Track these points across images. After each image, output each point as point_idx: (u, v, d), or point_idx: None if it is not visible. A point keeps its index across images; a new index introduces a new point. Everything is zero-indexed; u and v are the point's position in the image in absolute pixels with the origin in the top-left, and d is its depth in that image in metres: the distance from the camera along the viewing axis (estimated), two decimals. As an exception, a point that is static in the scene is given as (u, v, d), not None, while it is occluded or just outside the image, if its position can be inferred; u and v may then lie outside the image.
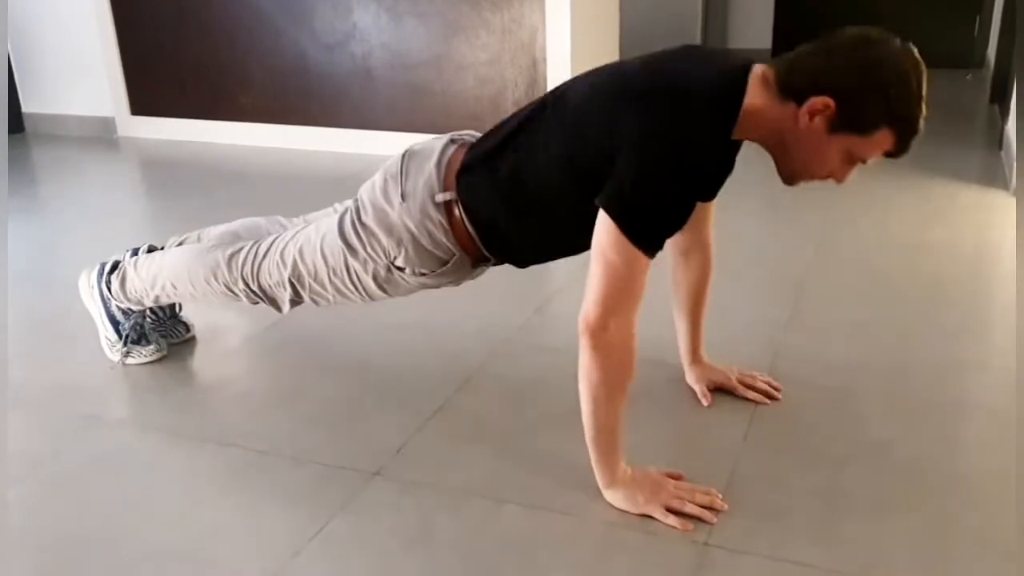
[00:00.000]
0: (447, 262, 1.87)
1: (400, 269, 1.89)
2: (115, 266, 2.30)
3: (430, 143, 1.90)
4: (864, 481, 1.77)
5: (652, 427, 1.95)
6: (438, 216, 1.81)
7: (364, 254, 1.90)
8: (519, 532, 1.66)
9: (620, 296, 1.60)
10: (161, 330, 2.41)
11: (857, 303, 2.60)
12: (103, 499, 1.81)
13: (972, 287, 2.70)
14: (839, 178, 1.67)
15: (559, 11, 3.94)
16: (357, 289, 1.96)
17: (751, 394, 2.07)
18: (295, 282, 2.00)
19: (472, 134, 1.94)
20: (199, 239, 2.31)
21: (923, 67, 1.55)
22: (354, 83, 4.48)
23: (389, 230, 1.85)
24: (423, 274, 1.90)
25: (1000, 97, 4.73)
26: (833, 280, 2.76)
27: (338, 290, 1.98)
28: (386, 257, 1.88)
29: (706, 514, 1.66)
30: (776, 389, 2.09)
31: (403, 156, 1.89)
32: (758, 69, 1.63)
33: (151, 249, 2.35)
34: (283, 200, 3.82)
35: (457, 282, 1.97)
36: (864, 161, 1.63)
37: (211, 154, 4.65)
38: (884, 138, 1.58)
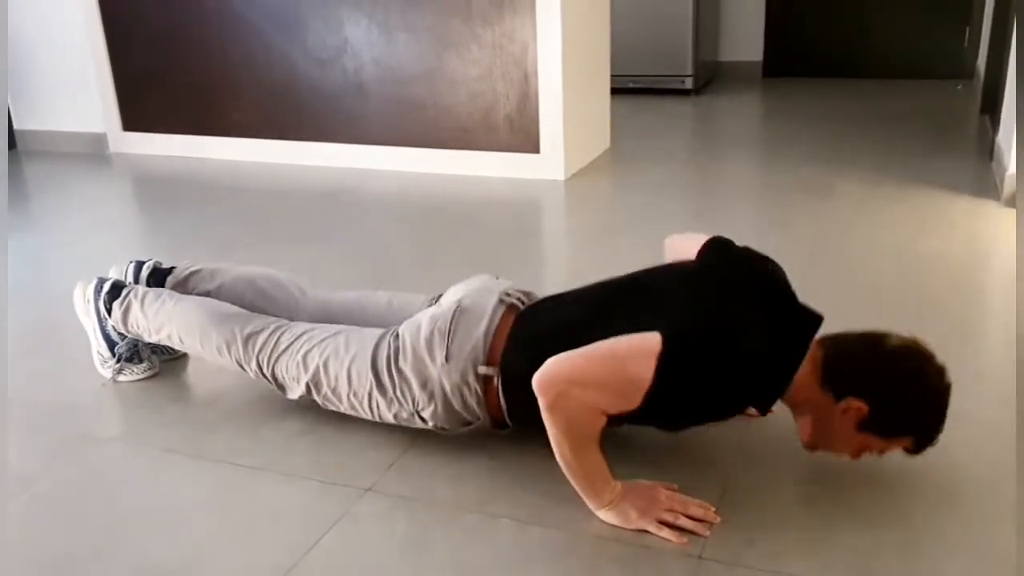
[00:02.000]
0: (470, 423, 1.89)
1: (423, 419, 1.90)
2: (116, 290, 2.26)
3: (482, 300, 1.90)
4: (858, 493, 1.77)
5: (645, 439, 1.95)
6: (476, 385, 1.83)
7: (392, 395, 1.90)
8: (512, 547, 1.66)
9: (601, 392, 1.63)
10: (154, 347, 2.40)
11: (850, 313, 2.59)
12: (95, 516, 1.81)
13: (964, 297, 2.70)
14: (852, 458, 1.77)
15: (550, 26, 3.95)
16: (372, 414, 1.97)
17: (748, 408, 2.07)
18: (311, 386, 2.00)
19: (522, 294, 1.95)
20: (213, 278, 2.30)
21: (951, 390, 1.67)
22: (346, 98, 4.48)
23: (424, 383, 1.86)
24: (443, 428, 1.91)
25: (990, 108, 4.74)
26: (826, 290, 2.75)
27: (352, 407, 1.98)
28: (413, 405, 1.89)
29: (699, 527, 1.66)
30: None
31: (454, 312, 1.87)
32: (812, 348, 1.71)
33: (156, 269, 2.33)
34: (276, 215, 3.82)
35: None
36: (881, 453, 1.74)
37: (203, 169, 4.65)
38: (902, 442, 1.70)
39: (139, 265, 2.36)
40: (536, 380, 1.63)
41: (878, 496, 1.76)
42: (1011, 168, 3.46)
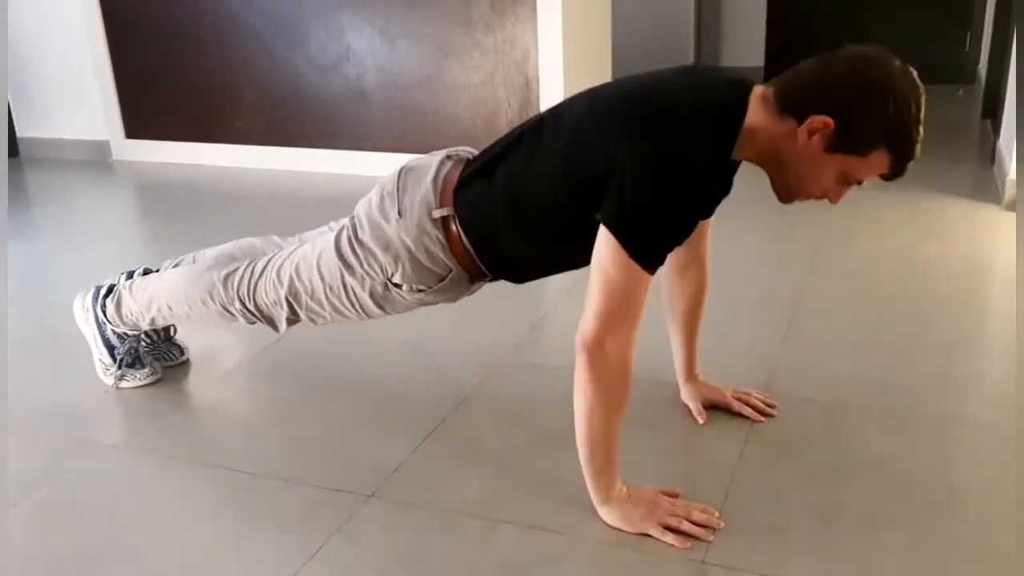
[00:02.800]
0: (444, 278, 1.87)
1: (397, 286, 1.89)
2: (110, 290, 2.29)
3: (426, 159, 1.90)
4: (860, 496, 1.77)
5: (647, 445, 1.95)
6: (435, 232, 1.81)
7: (361, 271, 1.89)
8: (515, 552, 1.65)
9: (619, 313, 1.60)
10: (155, 353, 2.40)
11: (852, 319, 2.61)
12: (96, 522, 1.81)
13: (966, 301, 2.70)
14: (833, 198, 1.68)
15: (551, 32, 3.95)
16: (354, 307, 1.96)
17: (746, 410, 2.07)
18: (292, 300, 2.00)
19: (468, 151, 1.94)
20: (194, 261, 2.31)
21: (922, 90, 1.55)
22: (348, 105, 4.49)
23: (386, 247, 1.85)
24: (420, 290, 1.89)
25: (992, 113, 4.74)
26: (828, 296, 2.76)
27: (335, 308, 1.97)
28: (383, 274, 1.88)
29: (702, 532, 1.65)
30: (771, 406, 2.09)
31: (399, 172, 1.89)
32: (758, 89, 1.64)
33: (147, 272, 2.35)
34: (278, 221, 3.81)
35: (455, 298, 1.97)
36: (859, 182, 1.64)
37: (206, 176, 4.66)
38: (880, 160, 1.58)
39: (130, 274, 2.36)
40: (576, 345, 1.61)
41: (880, 499, 1.76)
42: (1012, 173, 3.46)
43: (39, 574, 1.66)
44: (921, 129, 1.56)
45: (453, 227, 1.81)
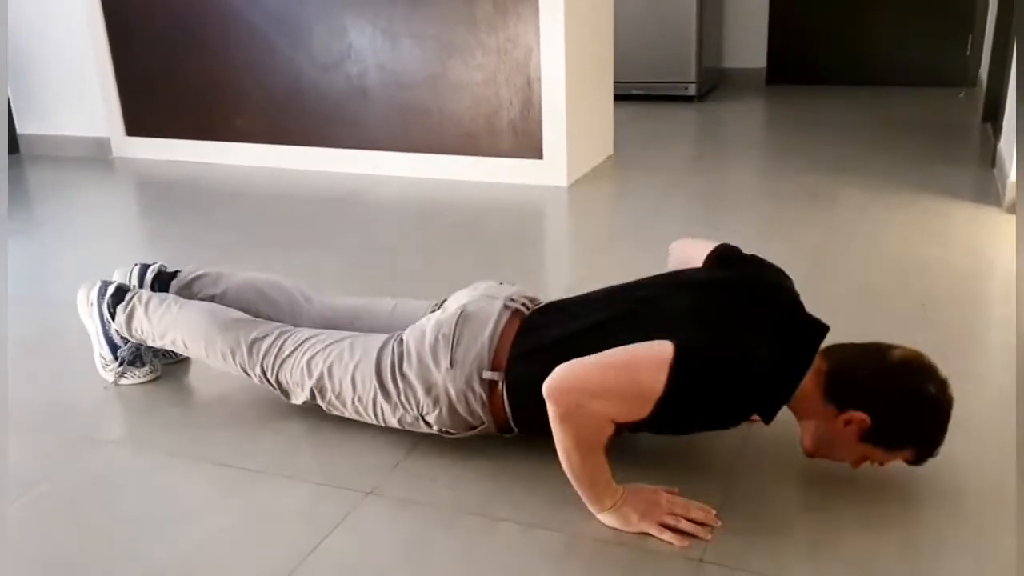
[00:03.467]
0: (474, 427, 1.89)
1: (427, 424, 1.91)
2: (120, 294, 2.26)
3: (487, 306, 1.90)
4: (859, 497, 1.77)
5: (647, 443, 1.95)
6: (480, 390, 1.83)
7: (396, 400, 1.90)
8: (514, 550, 1.66)
9: (616, 397, 1.62)
10: (155, 350, 2.40)
11: (852, 320, 2.60)
12: (96, 519, 1.81)
13: (966, 303, 2.70)
14: (854, 467, 1.78)
15: (554, 31, 3.96)
16: (376, 419, 1.97)
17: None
18: (316, 391, 2.00)
19: (527, 298, 1.96)
20: (217, 283, 2.30)
21: (953, 403, 1.68)
22: (350, 103, 4.49)
23: (428, 389, 1.86)
24: (448, 433, 1.91)
25: (992, 116, 4.75)
26: (828, 297, 2.76)
27: (357, 412, 1.98)
28: (418, 410, 1.89)
29: (701, 531, 1.66)
30: None
31: (458, 318, 1.88)
32: (816, 358, 1.71)
33: (161, 272, 2.33)
34: (279, 220, 3.82)
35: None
36: (882, 464, 1.75)
37: (207, 175, 4.66)
38: (904, 454, 1.71)
39: (144, 268, 2.36)
40: (547, 388, 1.63)
41: (879, 499, 1.76)
42: (1013, 175, 3.46)
43: (39, 570, 1.67)
44: (945, 436, 1.69)
45: (499, 388, 1.82)
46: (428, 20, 4.19)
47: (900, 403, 1.66)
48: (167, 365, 2.42)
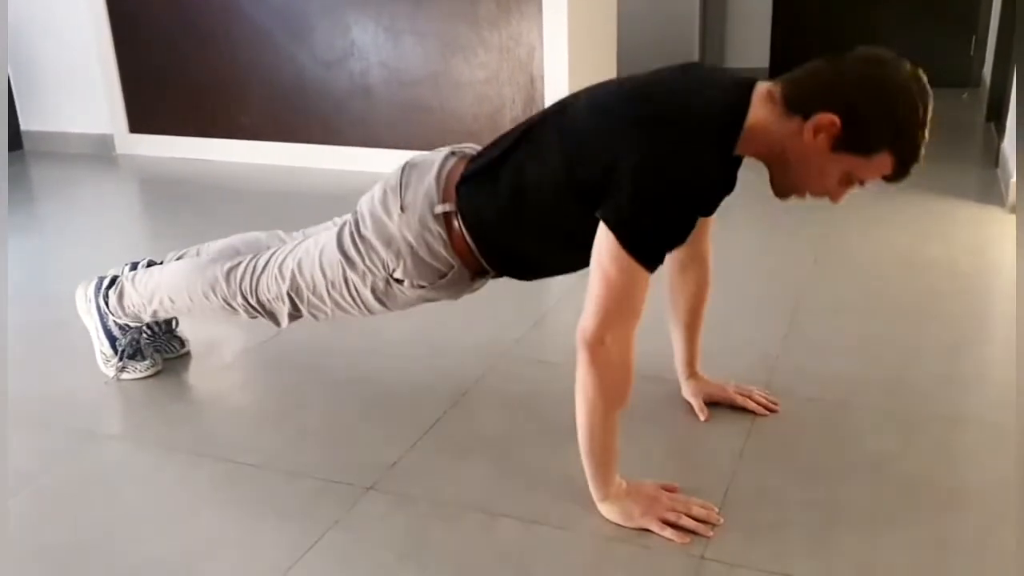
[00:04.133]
0: (445, 274, 1.87)
1: (399, 282, 1.89)
2: (113, 281, 2.29)
3: (430, 155, 1.90)
4: (861, 494, 1.76)
5: (649, 441, 1.95)
6: (437, 228, 1.81)
7: (363, 267, 1.89)
8: (514, 546, 1.65)
9: (619, 310, 1.60)
10: (156, 345, 2.40)
11: (854, 318, 2.60)
12: (96, 513, 1.81)
13: (969, 302, 2.69)
14: (835, 197, 1.68)
15: (557, 29, 3.95)
16: (356, 302, 1.96)
17: (749, 403, 2.06)
18: (293, 296, 2.00)
19: (472, 147, 1.94)
20: (198, 254, 2.30)
21: (930, 94, 1.56)
22: (352, 101, 4.49)
23: (388, 242, 1.85)
24: (421, 286, 1.89)
25: (996, 116, 4.74)
26: (831, 295, 2.75)
27: (337, 304, 1.97)
28: (384, 269, 1.88)
29: (701, 527, 1.65)
30: (773, 403, 2.09)
31: (403, 168, 1.89)
32: (762, 86, 1.64)
33: (150, 264, 2.34)
34: (281, 217, 3.81)
35: (456, 295, 1.96)
36: (862, 183, 1.64)
37: (210, 172, 4.66)
38: (884, 161, 1.58)
39: (134, 265, 2.36)
40: (578, 343, 1.61)
41: (881, 496, 1.75)
42: (1015, 175, 3.46)
43: (39, 564, 1.66)
44: (927, 133, 1.56)
45: (455, 223, 1.81)
46: (431, 17, 4.18)
47: (869, 91, 1.54)
48: (168, 360, 2.42)
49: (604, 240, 1.59)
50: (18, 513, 1.81)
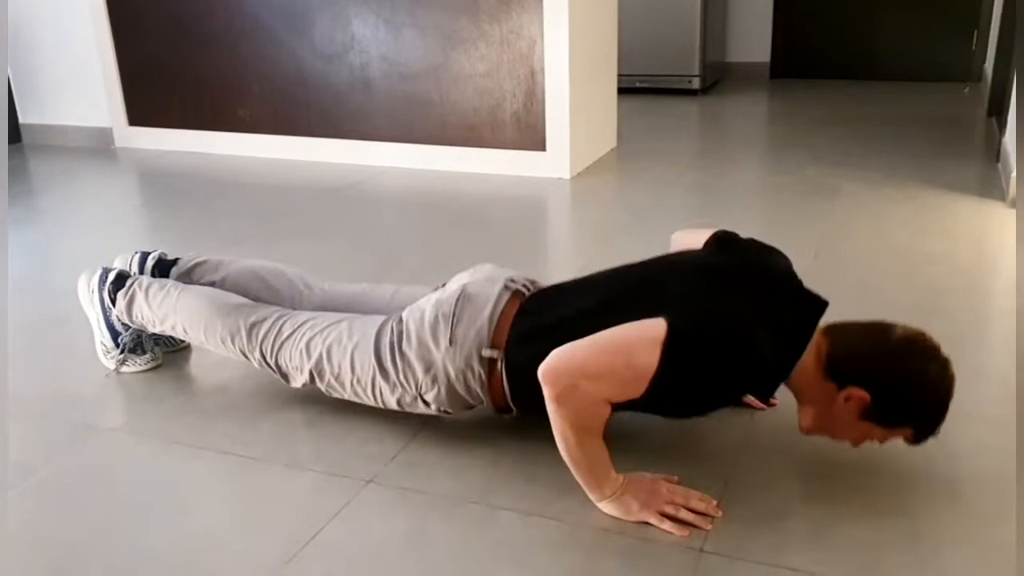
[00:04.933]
0: (472, 407, 1.90)
1: (426, 403, 1.90)
2: (120, 280, 2.26)
3: (487, 288, 1.90)
4: (860, 488, 1.76)
5: (648, 433, 1.95)
6: (480, 369, 1.83)
7: (395, 380, 1.90)
8: (513, 539, 1.65)
9: (609, 377, 1.62)
10: (157, 338, 2.40)
11: (855, 312, 2.59)
12: (97, 506, 1.81)
13: (969, 297, 2.69)
14: (853, 445, 1.78)
15: (557, 23, 3.95)
16: (375, 400, 1.97)
17: (748, 397, 2.06)
18: (315, 374, 2.00)
19: (527, 281, 1.96)
20: (217, 270, 2.30)
21: (954, 381, 1.67)
22: (352, 94, 4.48)
23: (428, 368, 1.86)
24: (447, 412, 1.92)
25: (997, 110, 4.74)
26: (831, 290, 2.74)
27: (356, 394, 1.98)
28: (417, 389, 1.89)
29: (701, 520, 1.66)
30: (772, 396, 2.08)
31: (458, 299, 1.88)
32: (818, 336, 1.71)
33: (161, 260, 2.33)
34: (280, 211, 3.82)
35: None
36: (881, 443, 1.74)
37: (209, 165, 4.65)
38: (904, 433, 1.70)
39: (144, 256, 2.36)
40: (543, 371, 1.62)
41: (880, 490, 1.75)
42: (1016, 170, 3.45)
43: (39, 556, 1.66)
44: (946, 416, 1.68)
45: (498, 368, 1.82)
46: (431, 10, 4.18)
47: (900, 381, 1.64)
48: (168, 353, 2.42)
49: (653, 327, 1.61)
50: (18, 505, 1.81)
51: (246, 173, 4.48)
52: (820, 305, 1.76)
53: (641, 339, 1.61)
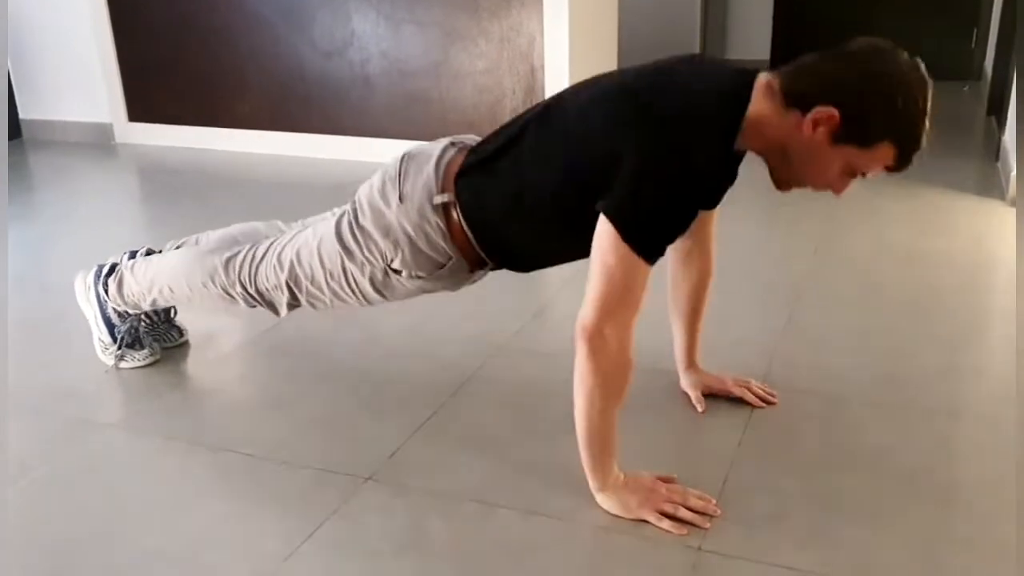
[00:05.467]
0: (444, 265, 1.87)
1: (397, 272, 1.88)
2: (112, 269, 2.29)
3: (429, 146, 1.90)
4: (859, 487, 1.76)
5: (647, 432, 1.95)
6: (435, 218, 1.81)
7: (361, 257, 1.89)
8: (512, 537, 1.65)
9: (618, 302, 1.60)
10: (155, 334, 2.40)
11: (854, 311, 2.60)
12: (94, 502, 1.81)
13: (968, 296, 2.69)
14: (837, 190, 1.68)
15: (557, 19, 3.94)
16: (354, 292, 1.95)
17: (748, 395, 2.06)
18: (292, 285, 2.00)
19: (472, 138, 1.94)
20: (197, 243, 2.30)
21: (929, 83, 1.56)
22: (352, 91, 4.48)
23: (386, 232, 1.85)
24: (420, 277, 1.89)
25: (997, 109, 4.73)
26: (830, 288, 2.75)
27: (335, 293, 1.97)
28: (383, 260, 1.87)
29: (699, 519, 1.65)
30: (771, 395, 2.09)
31: (402, 158, 1.88)
32: (762, 78, 1.63)
33: (149, 253, 2.34)
34: (280, 206, 3.81)
35: (455, 286, 1.96)
36: (864, 174, 1.63)
37: (209, 161, 4.65)
38: (885, 152, 1.57)
39: (133, 254, 2.36)
40: (576, 333, 1.61)
41: (879, 491, 1.75)
42: (1016, 168, 3.45)
43: (38, 552, 1.66)
44: (927, 122, 1.56)
45: (454, 214, 1.81)
46: (431, 7, 4.17)
47: (867, 83, 1.53)
48: (166, 349, 2.42)
49: (604, 232, 1.58)
50: (17, 502, 1.81)
51: (245, 169, 4.48)
52: (750, 70, 1.67)
53: (619, 262, 1.57)
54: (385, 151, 4.42)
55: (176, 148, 4.91)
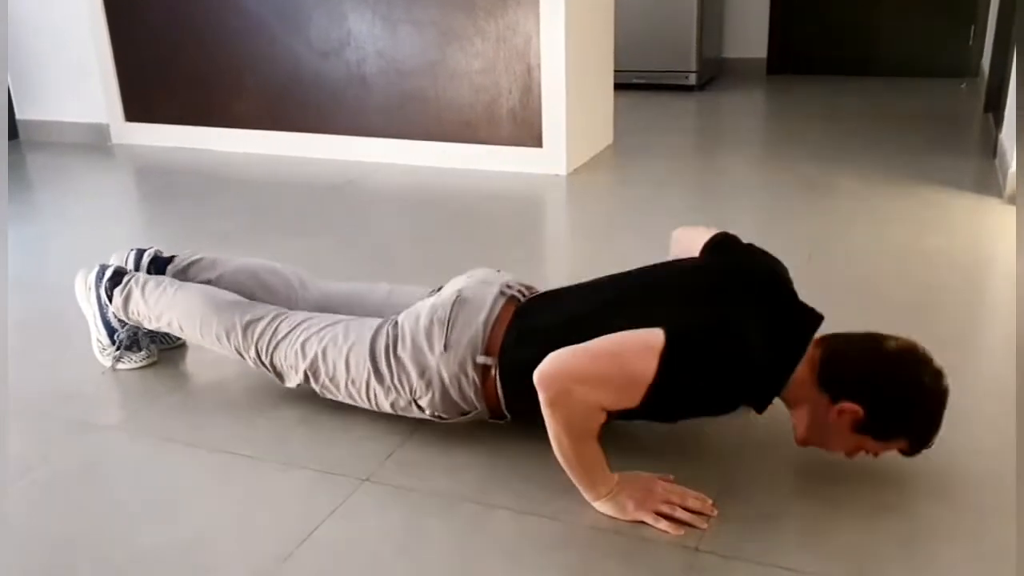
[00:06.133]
0: (467, 413, 1.89)
1: (420, 408, 1.90)
2: (118, 276, 2.26)
3: (482, 291, 1.90)
4: (855, 487, 1.76)
5: (644, 431, 1.95)
6: (474, 375, 1.82)
7: (390, 383, 1.90)
8: (509, 537, 1.65)
9: (602, 384, 1.62)
10: (153, 336, 2.40)
11: (851, 310, 2.60)
12: (92, 503, 1.81)
13: (966, 294, 2.69)
14: (848, 457, 1.77)
15: (554, 19, 3.94)
16: (369, 402, 1.97)
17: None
18: (310, 374, 2.00)
19: (522, 286, 1.96)
20: (214, 267, 2.29)
21: (948, 392, 1.67)
22: (349, 90, 4.48)
23: (422, 372, 1.85)
24: (441, 418, 1.91)
25: (994, 106, 4.73)
26: (827, 286, 2.75)
27: (350, 396, 1.98)
28: (411, 394, 1.88)
29: (696, 519, 1.66)
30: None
31: (454, 302, 1.88)
32: (811, 347, 1.71)
33: (157, 257, 2.33)
34: (277, 206, 3.81)
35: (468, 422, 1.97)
36: (876, 455, 1.74)
37: (206, 161, 4.65)
38: (898, 445, 1.70)
39: (140, 253, 2.35)
40: (538, 375, 1.62)
41: (876, 489, 1.75)
42: (1014, 165, 3.45)
43: (36, 553, 1.66)
44: (940, 428, 1.69)
45: (492, 374, 1.82)
46: (427, 6, 4.17)
47: (893, 395, 1.65)
48: (164, 351, 2.42)
49: (649, 338, 1.61)
50: (15, 502, 1.81)
51: (242, 169, 4.47)
52: (816, 317, 1.76)
53: (638, 347, 1.61)
54: (381, 150, 4.44)
55: (173, 148, 4.91)
